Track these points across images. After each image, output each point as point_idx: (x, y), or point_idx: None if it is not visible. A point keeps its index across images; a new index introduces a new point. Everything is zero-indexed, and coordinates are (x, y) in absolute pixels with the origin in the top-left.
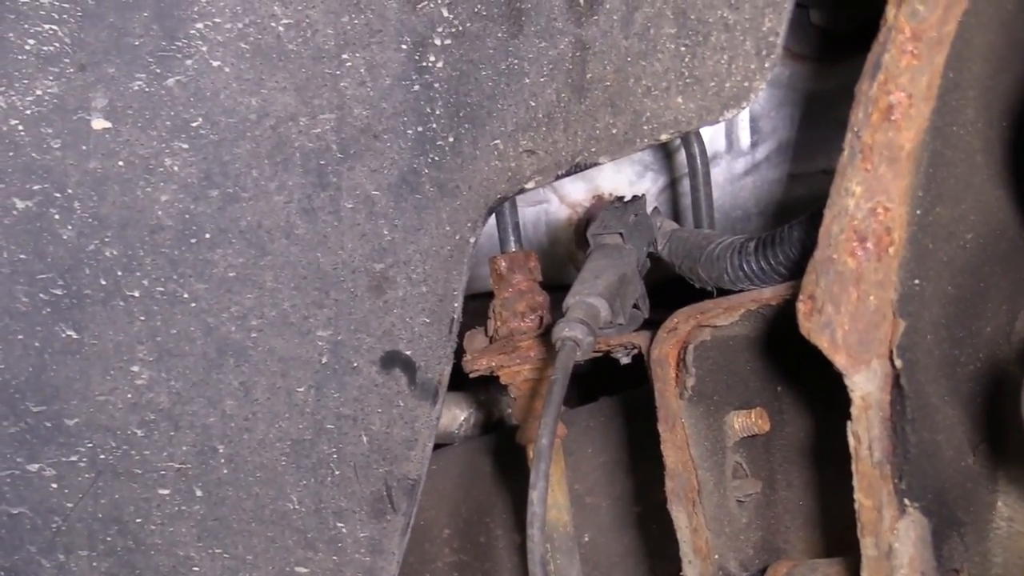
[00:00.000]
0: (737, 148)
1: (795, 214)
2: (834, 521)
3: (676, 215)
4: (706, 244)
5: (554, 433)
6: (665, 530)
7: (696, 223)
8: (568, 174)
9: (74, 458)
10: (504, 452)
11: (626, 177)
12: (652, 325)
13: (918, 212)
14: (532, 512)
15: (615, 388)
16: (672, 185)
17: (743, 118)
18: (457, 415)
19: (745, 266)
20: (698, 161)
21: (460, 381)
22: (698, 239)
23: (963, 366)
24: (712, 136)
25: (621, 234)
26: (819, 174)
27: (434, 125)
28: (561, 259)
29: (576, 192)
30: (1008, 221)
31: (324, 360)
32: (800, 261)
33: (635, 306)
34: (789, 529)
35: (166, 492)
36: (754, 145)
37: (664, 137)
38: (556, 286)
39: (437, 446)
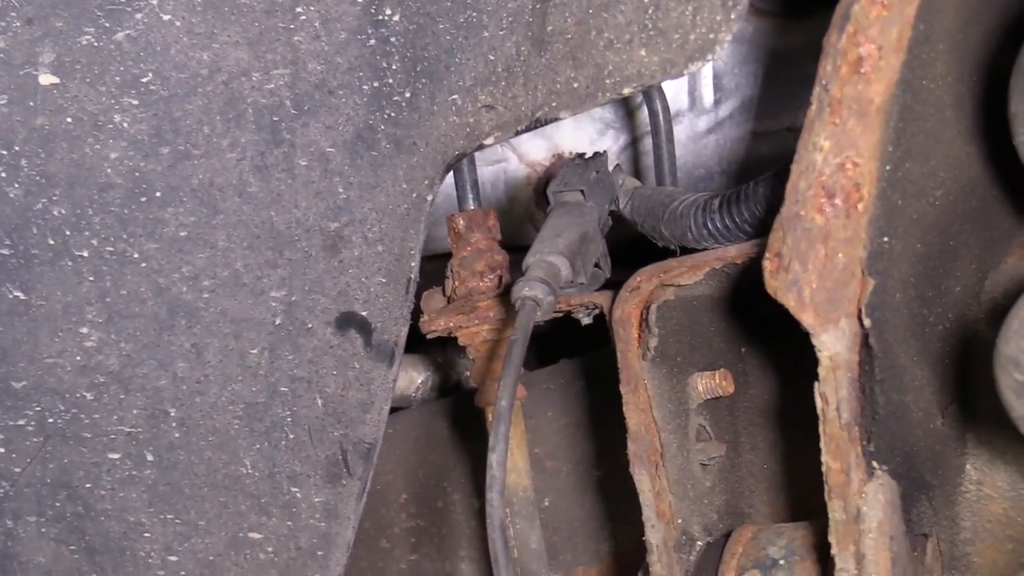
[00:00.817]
0: (700, 106)
1: (759, 173)
2: (800, 485)
3: (638, 174)
4: (669, 202)
5: (514, 395)
6: (627, 494)
7: (659, 182)
8: (528, 129)
9: (22, 422)
10: (462, 415)
11: (587, 135)
12: (615, 286)
13: (887, 168)
14: (491, 476)
15: (577, 350)
16: (634, 143)
17: (706, 75)
18: (414, 378)
19: (709, 224)
20: (660, 118)
21: (417, 343)
22: (661, 197)
23: (932, 326)
24: (675, 93)
25: (582, 191)
26: (784, 132)
27: (390, 80)
28: (520, 219)
29: (535, 151)
30: (978, 178)
31: (278, 321)
32: (766, 218)
33: (596, 265)
34: (754, 493)
35: (116, 456)
36: (717, 103)
37: (627, 91)
38: (515, 246)
39: (394, 409)
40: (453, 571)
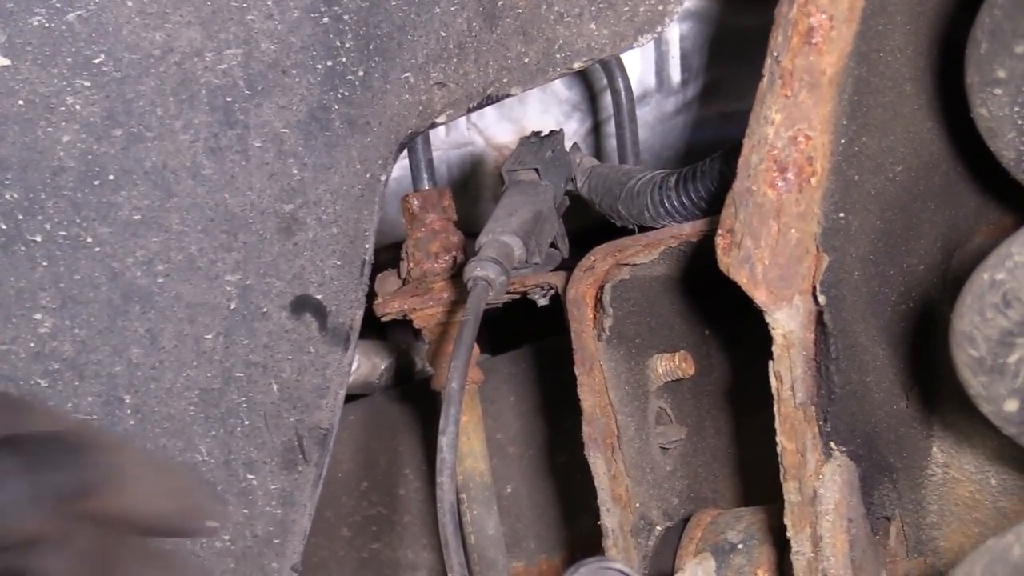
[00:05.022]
0: (668, 86)
1: None
2: (765, 469)
3: (603, 156)
4: (626, 180)
5: (465, 376)
6: (588, 480)
7: (621, 162)
8: (480, 107)
9: None
10: (421, 400)
11: (553, 117)
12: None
13: (842, 141)
14: (441, 459)
15: (539, 336)
16: (600, 126)
17: (674, 55)
18: (377, 364)
19: (666, 202)
20: (623, 97)
21: (381, 329)
22: (618, 175)
23: (894, 305)
24: (642, 74)
25: (537, 170)
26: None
27: (344, 59)
28: (487, 203)
29: (502, 134)
30: (940, 154)
31: (233, 305)
32: (720, 195)
33: (553, 245)
34: (718, 477)
35: None
36: (685, 83)
37: (577, 65)
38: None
39: (357, 396)
40: (415, 559)
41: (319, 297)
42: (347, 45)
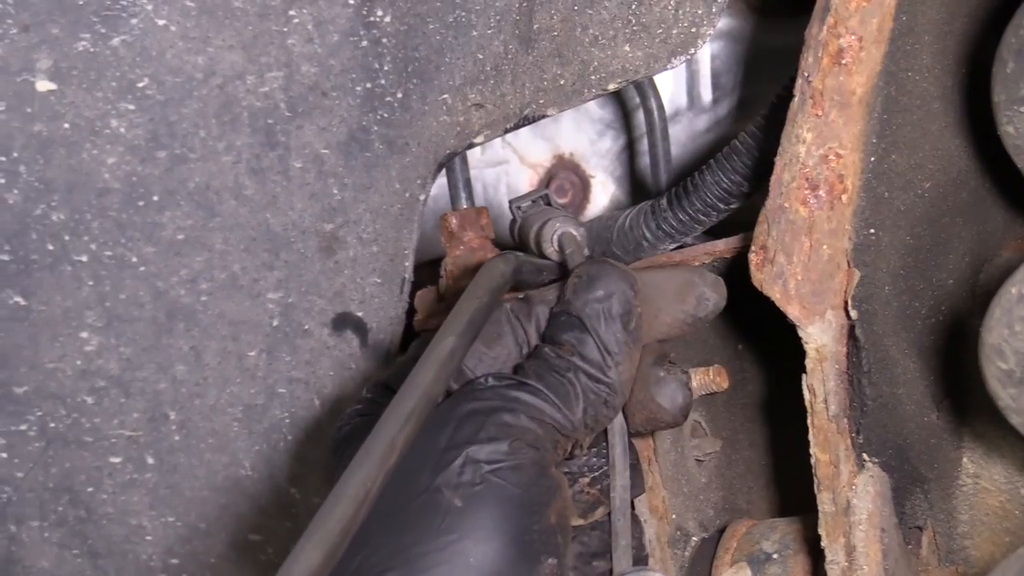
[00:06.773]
0: (699, 105)
1: None
2: (799, 480)
3: (637, 174)
4: (613, 222)
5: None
6: None
7: (654, 180)
8: (517, 127)
9: (23, 427)
10: None
11: (587, 136)
12: None
13: (872, 159)
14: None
15: None
16: (632, 144)
17: (705, 74)
18: None
19: (664, 225)
20: (655, 116)
21: None
22: (603, 221)
23: (924, 319)
24: (673, 93)
25: (546, 197)
26: None
27: (383, 81)
28: None
29: (537, 152)
30: (968, 171)
31: (275, 323)
32: (717, 204)
33: None
34: (752, 489)
35: (117, 460)
36: (716, 101)
37: (612, 87)
38: (517, 248)
39: None
40: None
41: (360, 314)
42: (386, 68)
